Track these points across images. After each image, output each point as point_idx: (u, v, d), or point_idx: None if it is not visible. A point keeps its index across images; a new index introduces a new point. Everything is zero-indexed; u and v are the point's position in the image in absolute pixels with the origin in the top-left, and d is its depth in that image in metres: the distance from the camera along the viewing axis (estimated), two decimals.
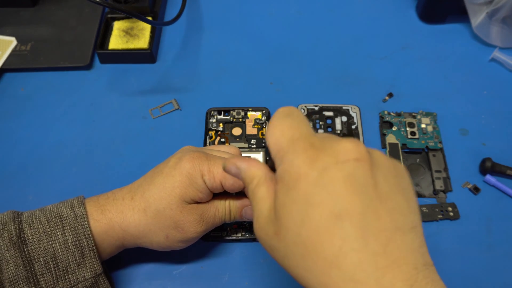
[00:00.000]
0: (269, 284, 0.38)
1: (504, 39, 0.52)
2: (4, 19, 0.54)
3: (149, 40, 0.52)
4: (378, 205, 0.21)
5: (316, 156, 0.22)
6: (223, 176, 0.34)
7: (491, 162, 0.43)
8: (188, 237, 0.34)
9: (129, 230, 0.33)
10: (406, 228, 0.22)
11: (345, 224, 0.21)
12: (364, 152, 0.22)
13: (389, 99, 0.49)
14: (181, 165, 0.33)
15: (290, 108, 0.27)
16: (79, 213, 0.32)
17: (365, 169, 0.22)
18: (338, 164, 0.22)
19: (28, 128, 0.47)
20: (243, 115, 0.47)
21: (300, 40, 0.54)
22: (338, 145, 0.23)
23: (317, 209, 0.21)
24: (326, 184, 0.21)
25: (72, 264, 0.31)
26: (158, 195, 0.33)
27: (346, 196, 0.21)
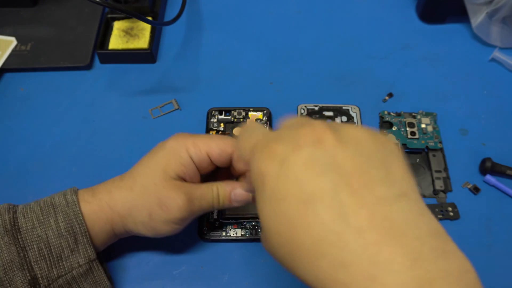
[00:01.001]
0: (269, 284, 0.38)
1: (504, 39, 0.52)
2: (4, 19, 0.54)
3: (149, 40, 0.52)
4: (349, 181, 0.20)
5: (273, 151, 0.21)
6: (209, 146, 0.34)
7: (491, 162, 0.43)
8: (172, 216, 0.33)
9: (116, 208, 0.34)
10: (392, 197, 0.20)
11: (317, 208, 0.19)
12: (322, 132, 0.21)
13: (389, 99, 0.49)
14: (166, 144, 0.35)
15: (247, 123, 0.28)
16: (70, 200, 0.33)
17: (326, 149, 0.21)
18: (295, 151, 0.21)
19: (28, 128, 0.47)
20: (244, 115, 0.47)
21: (300, 40, 0.54)
22: (295, 132, 0.22)
23: (286, 201, 0.20)
24: (287, 174, 0.20)
25: (66, 251, 0.32)
26: (143, 172, 0.34)
27: (310, 180, 0.20)
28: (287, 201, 0.20)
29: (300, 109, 0.48)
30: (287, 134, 0.22)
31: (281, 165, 0.21)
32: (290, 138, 0.22)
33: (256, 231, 0.40)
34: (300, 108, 0.48)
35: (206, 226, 0.40)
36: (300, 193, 0.20)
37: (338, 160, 0.20)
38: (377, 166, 0.21)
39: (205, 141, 0.35)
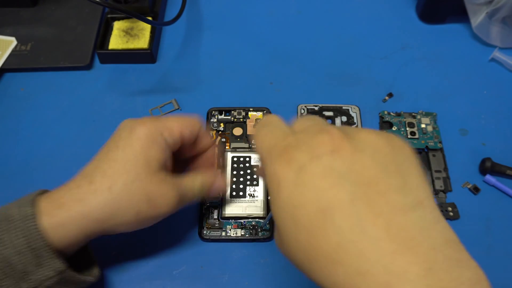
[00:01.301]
0: (269, 284, 0.38)
1: (504, 39, 0.52)
2: (4, 19, 0.54)
3: (149, 40, 0.52)
4: (366, 190, 0.20)
5: (291, 157, 0.22)
6: (180, 126, 0.34)
7: (491, 162, 0.43)
8: (161, 213, 0.33)
9: (92, 216, 0.31)
10: (408, 206, 0.20)
11: (335, 217, 0.19)
12: (340, 140, 0.21)
13: (389, 99, 0.49)
14: (135, 132, 0.32)
15: (267, 117, 0.27)
16: (26, 213, 0.30)
17: (343, 158, 0.21)
18: (313, 160, 0.21)
19: (28, 128, 0.47)
20: (244, 115, 0.47)
21: (300, 40, 0.54)
22: (312, 139, 0.22)
23: (303, 209, 0.20)
24: (306, 183, 0.21)
25: (30, 266, 0.29)
26: (123, 169, 0.31)
27: (328, 189, 0.20)
28: (305, 209, 0.20)
29: (300, 109, 0.48)
30: (305, 140, 0.22)
31: (298, 172, 0.21)
32: (308, 145, 0.22)
33: (256, 231, 0.40)
34: (300, 108, 0.48)
35: (206, 226, 0.40)
36: (318, 201, 0.20)
37: (355, 169, 0.21)
38: (393, 174, 0.21)
39: (177, 122, 0.34)
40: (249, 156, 0.43)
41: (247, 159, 0.43)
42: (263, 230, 0.40)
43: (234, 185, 0.42)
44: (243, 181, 0.42)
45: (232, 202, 0.41)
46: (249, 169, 0.43)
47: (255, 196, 0.41)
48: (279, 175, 0.22)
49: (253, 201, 0.41)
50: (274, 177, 0.22)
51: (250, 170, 0.43)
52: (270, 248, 0.40)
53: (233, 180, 0.42)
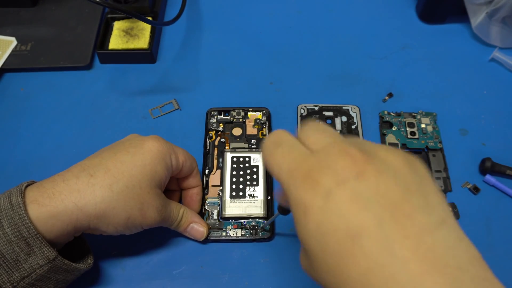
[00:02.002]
0: (269, 284, 0.38)
1: (504, 39, 0.52)
2: (4, 19, 0.54)
3: (149, 40, 0.52)
4: (393, 213, 0.20)
5: (316, 183, 0.21)
6: (184, 157, 0.37)
7: (491, 162, 0.43)
8: (146, 223, 0.34)
9: (86, 209, 0.31)
10: (433, 225, 0.20)
11: (363, 242, 0.20)
12: (363, 163, 0.21)
13: (389, 99, 0.49)
14: (148, 145, 0.34)
15: (277, 134, 0.26)
16: (15, 202, 0.30)
17: (368, 182, 0.21)
18: (339, 186, 0.21)
19: (28, 128, 0.47)
20: (243, 115, 0.47)
21: (300, 40, 0.54)
22: (335, 162, 0.22)
23: (332, 236, 0.21)
24: (333, 209, 0.21)
25: (21, 254, 0.30)
26: (128, 173, 0.33)
27: (356, 214, 0.20)
28: (334, 235, 0.21)
29: (300, 109, 0.48)
30: (327, 162, 0.22)
31: (325, 198, 0.21)
32: (332, 169, 0.22)
33: (256, 231, 0.40)
34: (300, 108, 0.48)
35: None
36: (347, 227, 0.20)
37: (381, 192, 0.21)
38: (416, 194, 0.21)
39: (182, 151, 0.38)
40: (249, 156, 0.43)
41: (246, 159, 0.43)
42: (263, 230, 0.40)
43: (234, 185, 0.42)
44: (242, 181, 0.42)
45: (232, 202, 0.41)
46: (248, 169, 0.43)
47: (255, 196, 0.41)
48: (305, 201, 0.22)
49: (253, 201, 0.41)
50: (300, 203, 0.22)
51: (249, 170, 0.43)
52: (270, 248, 0.40)
53: (233, 180, 0.42)
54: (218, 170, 0.43)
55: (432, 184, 0.22)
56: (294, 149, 0.24)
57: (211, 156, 0.44)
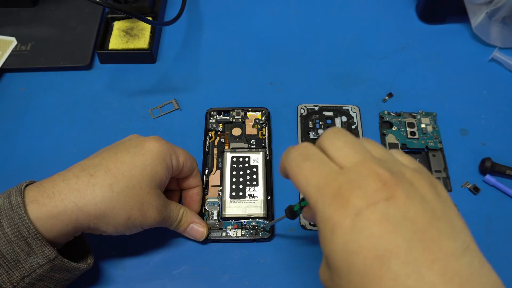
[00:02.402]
0: (269, 284, 0.38)
1: (504, 39, 0.52)
2: (4, 19, 0.54)
3: (149, 40, 0.52)
4: (421, 237, 0.21)
5: (346, 202, 0.22)
6: (185, 156, 0.37)
7: (491, 162, 0.43)
8: (146, 223, 0.34)
9: (86, 208, 0.31)
10: (459, 251, 0.21)
11: (392, 264, 0.20)
12: (394, 187, 0.22)
13: (389, 99, 0.49)
14: (149, 145, 0.35)
15: (304, 147, 0.26)
16: (15, 202, 0.30)
17: (398, 205, 0.21)
18: (369, 207, 0.21)
19: (28, 128, 0.47)
20: (243, 115, 0.47)
21: (300, 40, 0.54)
22: (366, 183, 0.22)
23: (359, 255, 0.21)
24: (362, 229, 0.21)
25: (21, 254, 0.30)
26: (128, 173, 0.33)
27: (386, 236, 0.20)
28: (361, 255, 0.21)
29: (300, 109, 0.48)
30: (358, 183, 0.22)
31: (354, 218, 0.21)
32: (363, 190, 0.22)
33: (256, 231, 0.40)
34: (300, 108, 0.48)
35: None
36: (375, 249, 0.20)
37: (409, 216, 0.21)
38: (442, 219, 0.22)
39: (182, 152, 0.38)
40: (248, 156, 0.43)
41: (246, 159, 0.43)
42: (263, 230, 0.40)
43: (233, 185, 0.42)
44: (242, 181, 0.42)
45: (232, 202, 0.41)
46: (248, 169, 0.43)
47: (255, 196, 0.41)
48: (334, 219, 0.22)
49: (253, 201, 0.41)
50: (329, 221, 0.22)
51: (249, 170, 0.43)
52: (270, 248, 0.40)
53: (233, 181, 0.42)
54: (218, 170, 0.43)
55: (455, 209, 0.23)
56: (324, 165, 0.24)
57: (210, 156, 0.44)
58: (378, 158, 0.24)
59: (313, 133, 0.46)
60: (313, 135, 0.46)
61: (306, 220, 0.30)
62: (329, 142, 0.25)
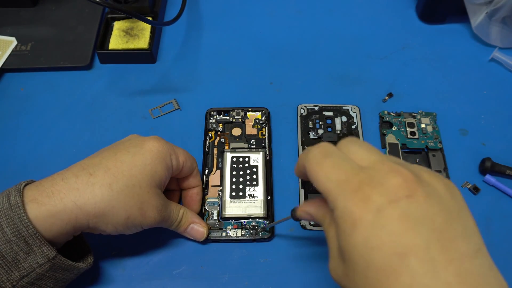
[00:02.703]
0: (269, 284, 0.38)
1: (504, 39, 0.52)
2: (4, 19, 0.54)
3: (149, 40, 0.52)
4: (439, 236, 0.21)
5: (367, 197, 0.22)
6: (185, 158, 0.37)
7: (491, 162, 0.43)
8: (146, 223, 0.34)
9: (85, 208, 0.31)
10: (472, 253, 0.21)
11: (411, 261, 0.20)
12: (415, 185, 0.22)
13: (389, 99, 0.49)
14: (149, 145, 0.35)
15: (325, 146, 0.26)
16: (14, 202, 0.30)
17: (418, 204, 0.22)
18: (391, 204, 0.22)
19: (28, 128, 0.47)
20: (243, 115, 0.47)
21: (300, 40, 0.54)
22: (387, 180, 0.22)
23: (379, 251, 0.21)
24: (383, 225, 0.21)
25: (21, 254, 0.29)
26: (128, 172, 0.33)
27: (406, 233, 0.21)
28: (381, 251, 0.21)
29: (300, 109, 0.48)
30: (379, 179, 0.23)
31: (376, 214, 0.22)
32: (384, 186, 0.22)
33: (256, 231, 0.40)
34: (300, 108, 0.48)
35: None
36: (395, 245, 0.21)
37: (428, 215, 0.22)
38: (456, 221, 0.22)
39: (182, 152, 0.38)
40: (248, 156, 0.43)
41: (246, 159, 0.43)
42: (263, 230, 0.40)
43: (233, 185, 0.42)
44: (242, 181, 0.42)
45: (232, 202, 0.41)
46: (248, 169, 0.43)
47: (255, 196, 0.41)
48: (355, 214, 0.22)
49: (253, 201, 0.41)
50: (349, 215, 0.23)
51: (249, 170, 0.43)
52: (270, 248, 0.40)
53: (233, 181, 0.42)
54: (218, 170, 0.43)
55: (469, 212, 0.24)
56: (344, 161, 0.25)
57: (210, 156, 0.44)
58: (394, 159, 0.25)
59: (313, 133, 0.46)
60: (313, 135, 0.46)
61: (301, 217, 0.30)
62: (346, 146, 0.26)
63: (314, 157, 0.26)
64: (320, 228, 0.40)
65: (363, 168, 0.24)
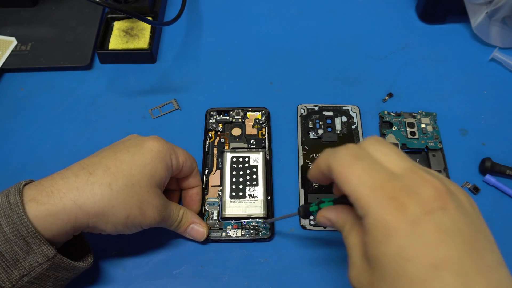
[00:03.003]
0: (269, 284, 0.38)
1: (504, 39, 0.52)
2: (4, 19, 0.54)
3: (149, 40, 0.52)
4: (469, 248, 0.21)
5: (403, 207, 0.22)
6: (184, 156, 0.37)
7: (491, 162, 0.43)
8: (146, 222, 0.34)
9: (85, 207, 0.31)
10: (497, 265, 0.22)
11: (444, 273, 0.21)
12: (447, 197, 0.23)
13: (389, 99, 0.49)
14: (148, 144, 0.34)
15: (356, 148, 0.26)
16: (13, 201, 0.30)
17: (451, 216, 0.22)
18: (427, 215, 0.22)
19: (28, 128, 0.47)
20: (243, 115, 0.47)
21: (300, 40, 0.54)
22: (423, 192, 0.23)
23: (413, 262, 0.21)
24: (419, 236, 0.21)
25: (20, 253, 0.29)
26: (128, 172, 0.32)
27: (441, 245, 0.21)
28: (415, 262, 0.21)
29: (300, 109, 0.48)
30: (413, 189, 0.23)
31: (412, 225, 0.22)
32: (419, 197, 0.23)
33: (256, 231, 0.40)
34: (300, 108, 0.48)
35: None
36: (429, 257, 0.21)
37: (459, 227, 0.22)
38: (481, 234, 0.23)
39: (182, 151, 0.38)
40: (248, 156, 0.43)
41: (246, 159, 0.43)
42: (263, 230, 0.40)
43: (233, 185, 0.42)
44: (242, 181, 0.42)
45: (232, 202, 0.41)
46: (248, 169, 0.43)
47: (255, 196, 0.41)
48: (389, 223, 0.22)
49: (253, 201, 0.41)
50: (383, 223, 0.22)
51: (249, 170, 0.43)
52: (270, 248, 0.40)
53: (233, 181, 0.42)
54: (218, 171, 0.43)
55: (486, 225, 0.24)
56: (378, 166, 0.25)
57: (210, 157, 0.44)
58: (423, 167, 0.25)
59: (313, 133, 0.46)
60: (313, 135, 0.46)
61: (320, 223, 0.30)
62: (374, 148, 0.26)
63: (344, 158, 0.25)
64: (320, 228, 0.40)
65: (396, 175, 0.24)
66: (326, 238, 0.40)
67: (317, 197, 0.42)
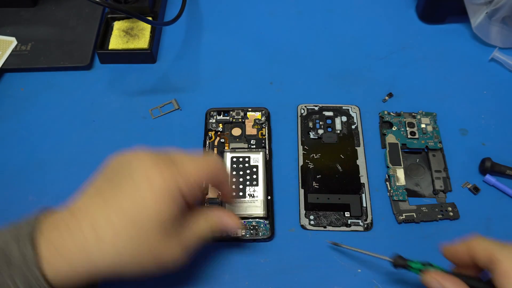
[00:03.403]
0: (269, 284, 0.38)
1: (504, 39, 0.52)
2: (4, 19, 0.54)
3: (149, 40, 0.52)
4: None
5: None
6: (198, 172, 0.31)
7: (491, 162, 0.43)
8: (167, 268, 0.31)
9: (96, 268, 0.29)
10: None
11: None
12: None
13: (389, 99, 0.49)
14: (150, 182, 0.29)
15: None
16: (29, 257, 0.27)
17: None
18: None
19: (28, 128, 0.47)
20: (243, 116, 0.47)
21: (300, 40, 0.54)
22: None
23: None
24: None
25: None
26: (131, 223, 0.29)
27: None
28: None
29: (300, 109, 0.48)
30: None
31: None
32: None
33: (256, 231, 0.40)
34: (300, 108, 0.48)
35: None
36: None
37: None
38: None
39: (194, 169, 0.31)
40: (248, 156, 0.43)
41: (246, 159, 0.43)
42: (263, 230, 0.40)
43: (234, 185, 0.42)
44: (242, 181, 0.42)
45: None
46: (248, 169, 0.43)
47: (255, 196, 0.41)
48: None
49: (253, 201, 0.41)
50: None
51: (249, 170, 0.43)
52: (270, 248, 0.40)
53: (233, 181, 0.42)
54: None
55: None
56: None
57: None
58: None
59: (313, 133, 0.46)
60: (313, 135, 0.46)
61: (428, 283, 0.31)
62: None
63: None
64: (320, 228, 0.40)
65: None
66: (326, 238, 0.40)
67: (317, 197, 0.42)
